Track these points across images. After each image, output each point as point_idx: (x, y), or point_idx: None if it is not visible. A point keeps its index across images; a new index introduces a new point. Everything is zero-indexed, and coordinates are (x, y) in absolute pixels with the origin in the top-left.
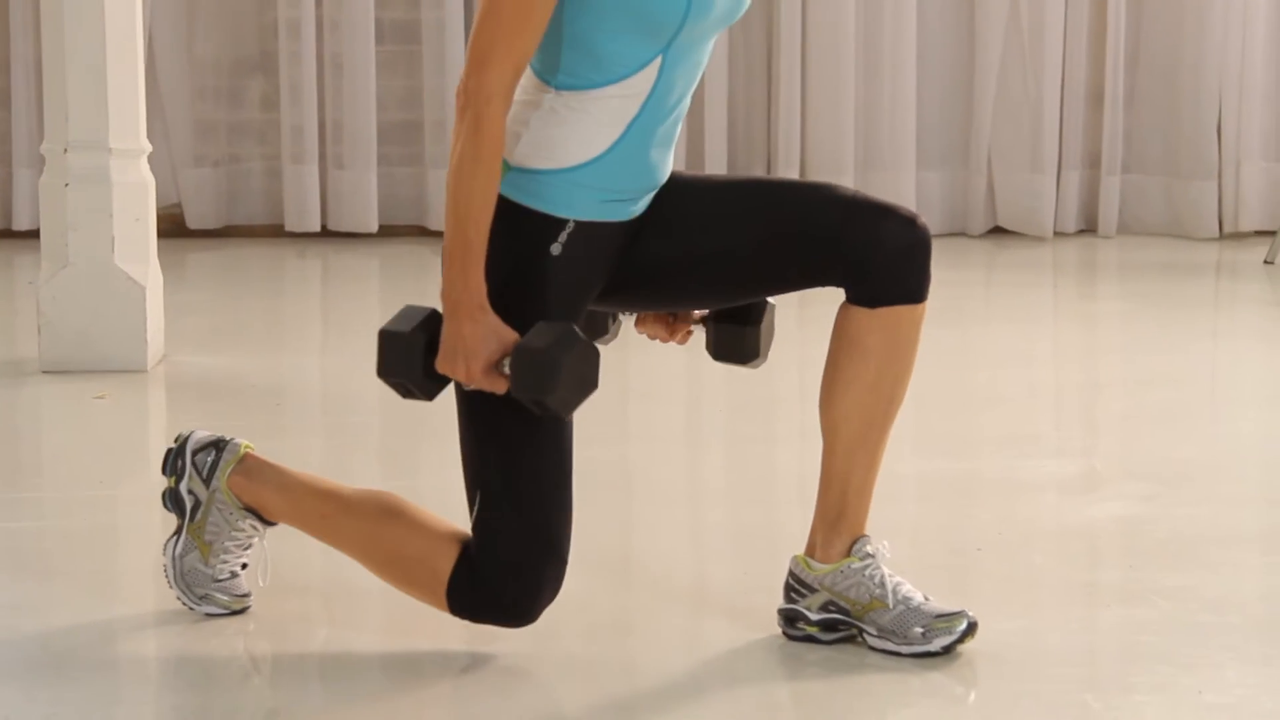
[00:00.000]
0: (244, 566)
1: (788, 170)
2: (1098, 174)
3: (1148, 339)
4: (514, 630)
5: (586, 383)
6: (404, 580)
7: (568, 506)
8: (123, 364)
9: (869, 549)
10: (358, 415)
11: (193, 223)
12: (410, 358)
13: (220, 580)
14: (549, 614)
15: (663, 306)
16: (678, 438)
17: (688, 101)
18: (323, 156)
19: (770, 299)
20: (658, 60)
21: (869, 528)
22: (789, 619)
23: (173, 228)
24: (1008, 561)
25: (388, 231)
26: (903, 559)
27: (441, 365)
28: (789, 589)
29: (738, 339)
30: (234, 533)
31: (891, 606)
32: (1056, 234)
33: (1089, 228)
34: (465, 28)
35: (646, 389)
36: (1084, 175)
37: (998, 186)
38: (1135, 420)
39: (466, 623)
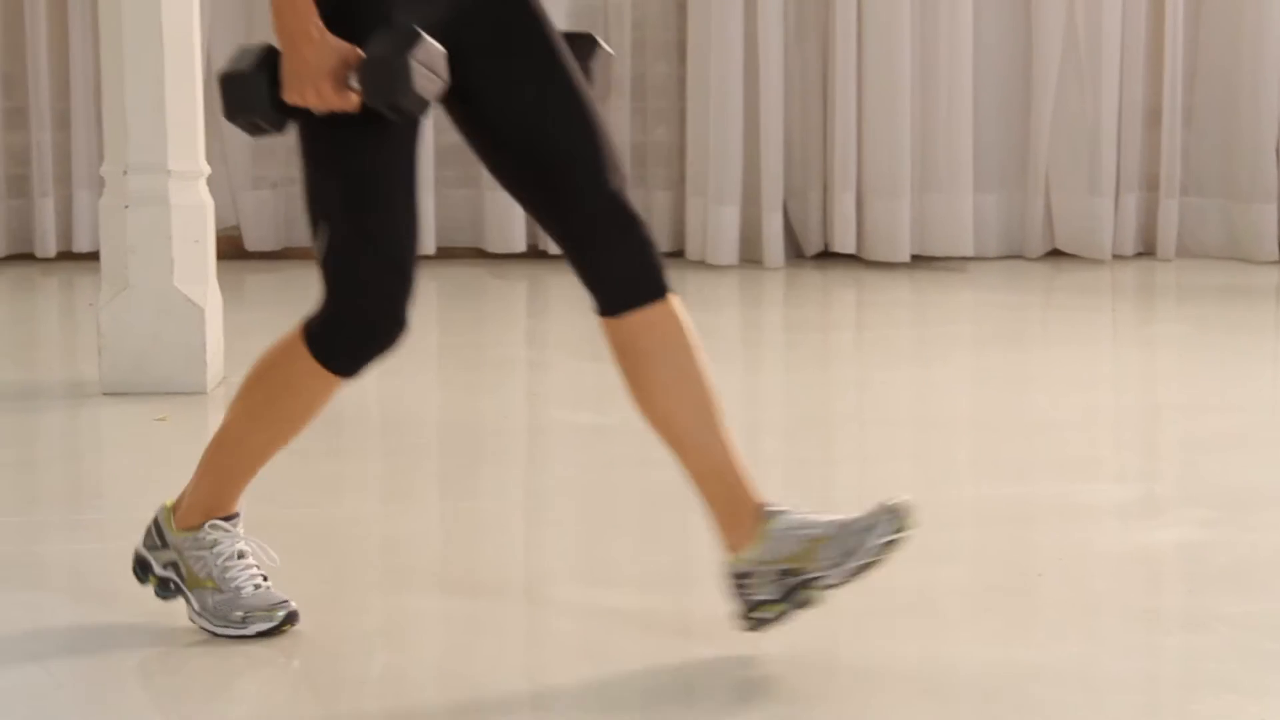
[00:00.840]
0: (265, 579)
1: (844, 193)
2: (1156, 196)
3: (1207, 363)
4: (576, 656)
5: (435, 78)
6: (283, 387)
7: (405, 215)
8: (182, 386)
9: (774, 507)
10: (416, 437)
11: (251, 245)
12: (256, 94)
13: (246, 596)
14: (608, 634)
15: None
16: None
17: None
18: None
19: (607, 47)
20: None
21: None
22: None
23: (231, 249)
24: (1068, 587)
25: (445, 253)
26: (961, 583)
27: (290, 95)
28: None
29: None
30: (215, 551)
31: (833, 533)
32: (1115, 257)
33: (1147, 250)
34: None
35: None
36: (1142, 197)
37: (1055, 209)
38: (1195, 445)
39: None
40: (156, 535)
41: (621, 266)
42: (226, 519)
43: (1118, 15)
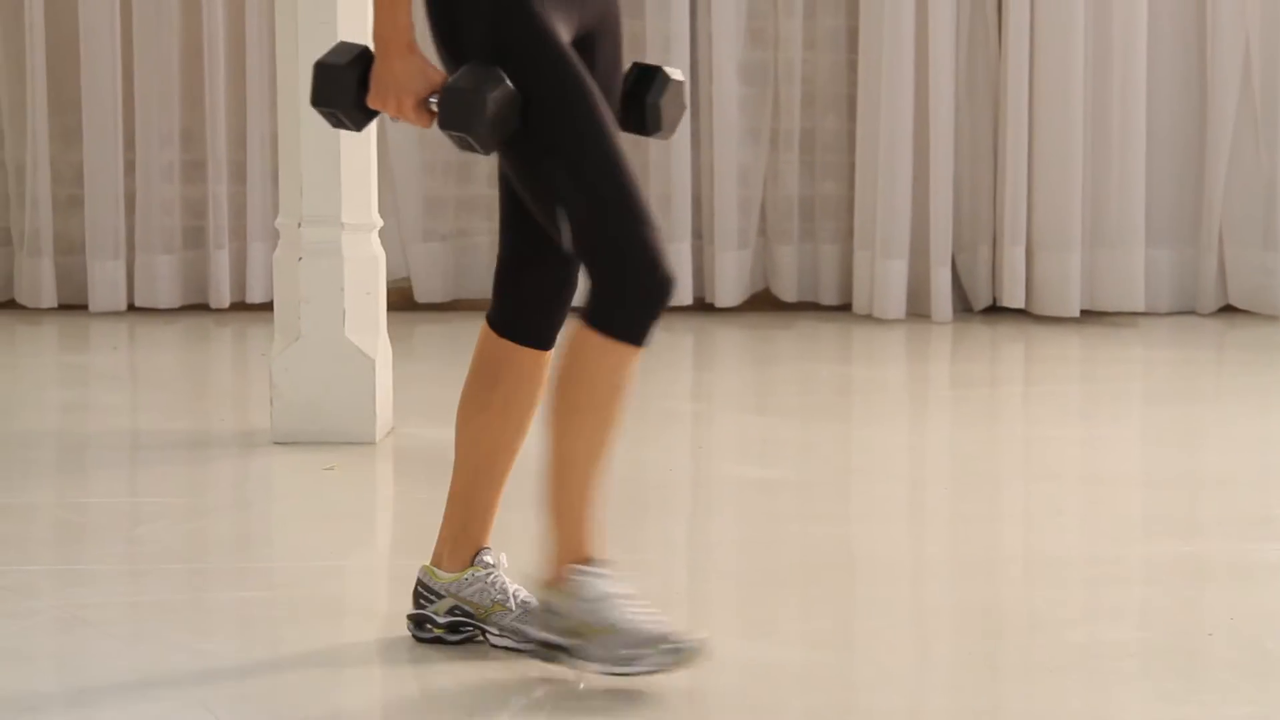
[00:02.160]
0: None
1: (1013, 247)
2: None
3: None
4: (737, 713)
5: (506, 122)
6: (586, 386)
7: (633, 175)
8: (352, 435)
9: (489, 559)
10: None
11: (421, 296)
12: (344, 89)
13: (642, 628)
14: (771, 693)
15: None
16: (900, 515)
17: None
18: None
19: (677, 74)
20: None
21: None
22: (417, 623)
23: (401, 301)
24: (1239, 647)
25: None
26: (1130, 641)
27: (373, 100)
28: (417, 596)
29: (638, 111)
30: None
31: (514, 609)
32: None
33: None
34: (691, 102)
35: (869, 465)
36: None
37: (1229, 264)
38: None
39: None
40: (545, 612)
41: (535, 301)
42: (590, 561)
43: None
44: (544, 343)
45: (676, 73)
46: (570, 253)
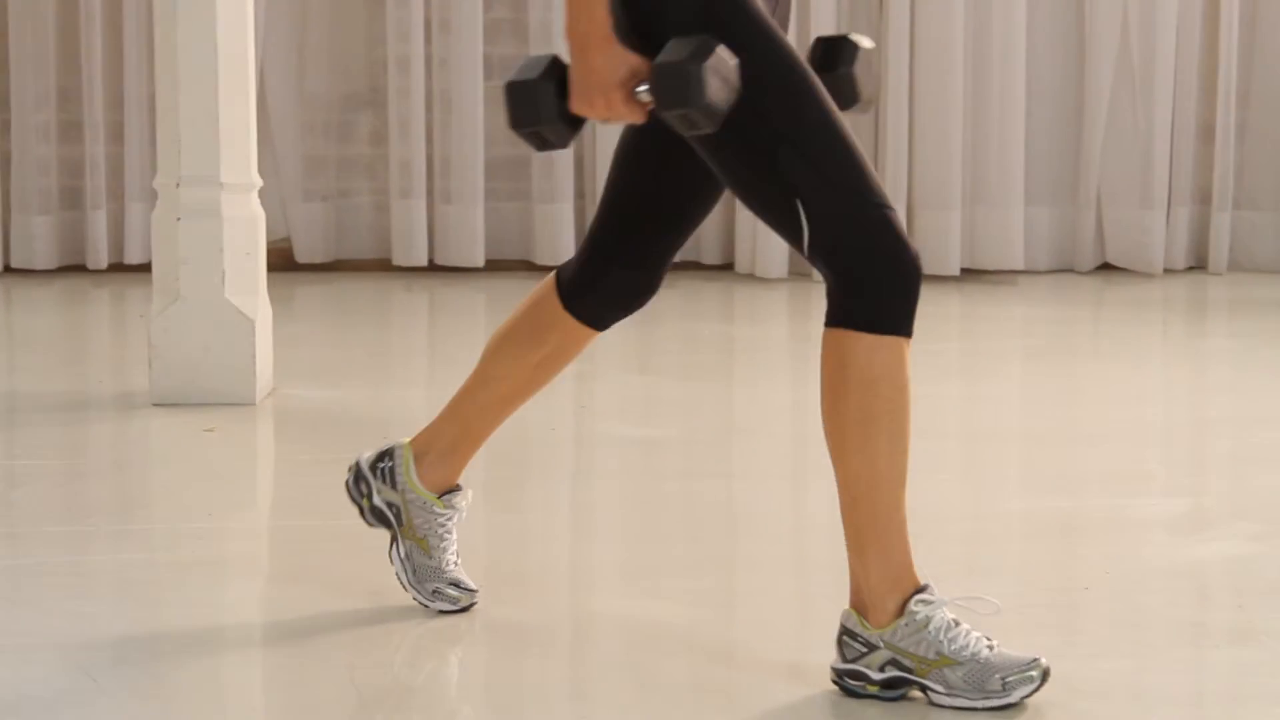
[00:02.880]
0: (989, 640)
1: (895, 207)
2: (1208, 210)
3: (1258, 377)
4: (619, 670)
5: (728, 86)
6: (867, 387)
7: (862, 155)
8: (232, 397)
9: (458, 502)
10: None
11: (301, 257)
12: (543, 104)
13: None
14: (654, 652)
15: None
16: (782, 473)
17: None
18: (430, 192)
19: (866, 41)
20: None
21: None
22: (358, 478)
23: (282, 261)
24: (1115, 601)
25: (494, 266)
26: (1009, 597)
27: (578, 105)
28: (378, 459)
29: (835, 86)
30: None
31: (434, 562)
32: (1166, 271)
33: (1199, 264)
34: None
35: (751, 424)
36: (1194, 211)
37: (1107, 223)
38: (1245, 459)
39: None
40: (858, 643)
41: (622, 307)
42: (921, 590)
43: (1171, 30)
44: (602, 327)
45: (866, 40)
46: (807, 254)
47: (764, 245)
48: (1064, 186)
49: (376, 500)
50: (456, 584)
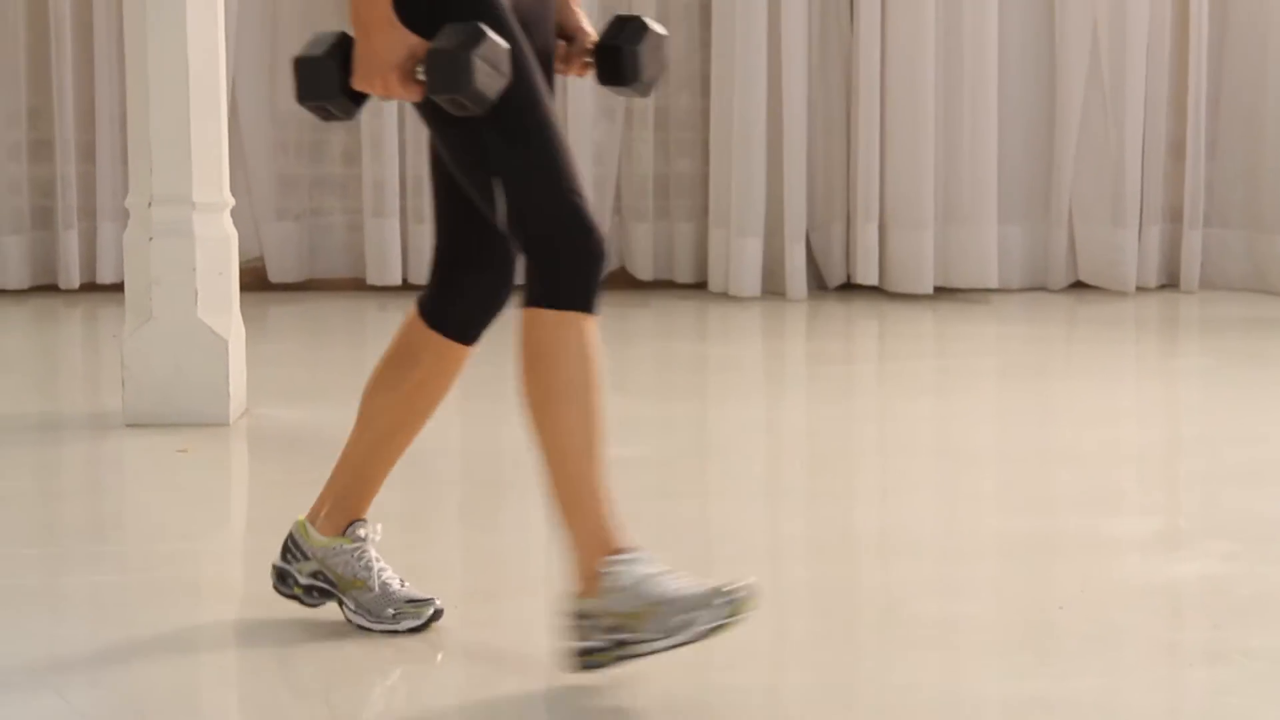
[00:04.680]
0: (316, 579)
1: (866, 224)
2: (1180, 228)
3: (1230, 396)
4: (598, 684)
5: (497, 74)
6: (550, 362)
7: (568, 147)
8: (205, 417)
9: (361, 533)
10: (437, 469)
11: (274, 276)
12: (328, 79)
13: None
14: (628, 673)
15: None
16: (757, 493)
17: None
18: (404, 210)
19: (659, 27)
20: None
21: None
22: (279, 576)
23: (254, 281)
24: (1090, 620)
25: None
26: (984, 616)
27: (359, 82)
28: (285, 550)
29: (615, 60)
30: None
31: (374, 589)
32: (1138, 289)
33: (1171, 282)
34: None
35: (726, 443)
36: (1166, 229)
37: (1079, 241)
38: (1218, 478)
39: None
40: (582, 619)
41: (484, 309)
42: (618, 551)
43: (1141, 48)
44: (470, 339)
45: (658, 26)
46: (503, 228)
47: (737, 264)
48: (1036, 204)
49: (303, 580)
50: (411, 599)
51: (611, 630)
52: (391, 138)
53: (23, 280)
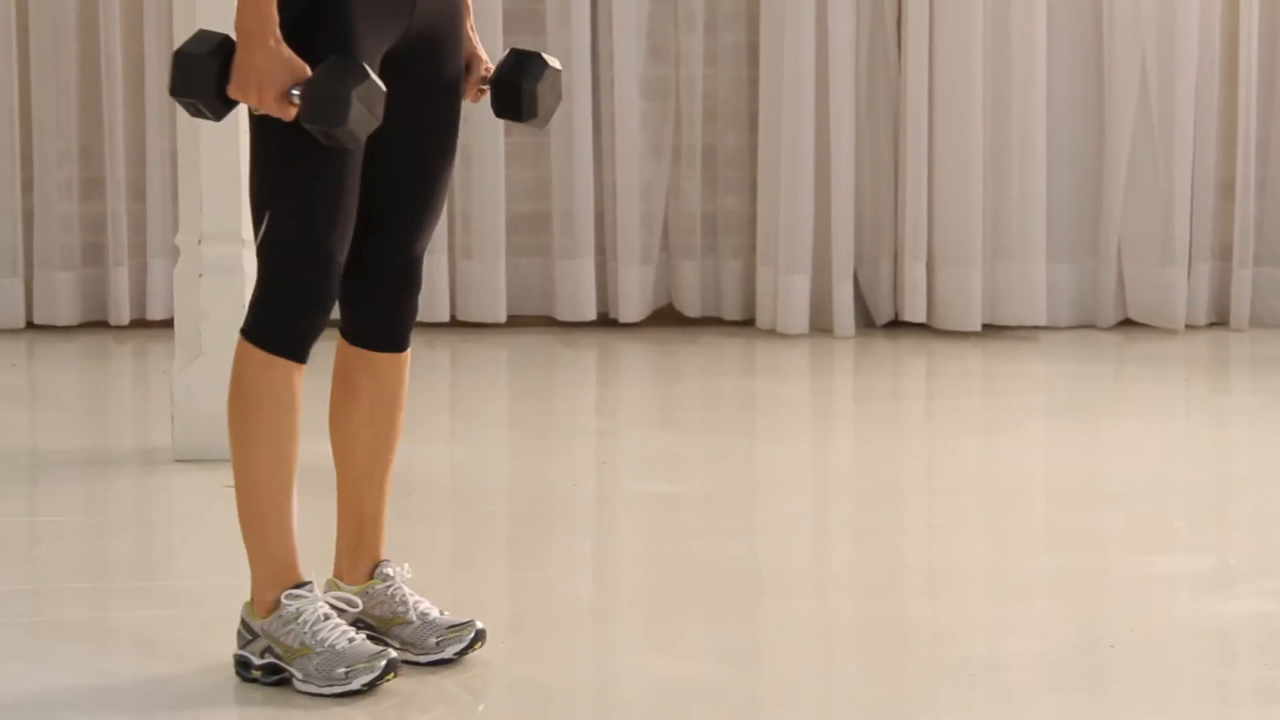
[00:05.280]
0: (357, 633)
1: (914, 262)
2: (1229, 266)
3: None
4: None
5: (370, 117)
6: (251, 399)
7: (348, 217)
8: None
9: (389, 571)
10: (486, 505)
11: None
12: (204, 79)
13: (343, 651)
14: (678, 709)
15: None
16: (805, 530)
17: None
18: (451, 247)
19: (555, 62)
20: None
21: (387, 551)
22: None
23: None
24: (1141, 659)
25: (516, 322)
26: (1034, 654)
27: (234, 90)
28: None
29: (514, 97)
30: (300, 619)
31: (414, 620)
32: (1187, 327)
33: (1220, 320)
34: (593, 118)
35: (774, 480)
36: (1215, 267)
37: (1128, 278)
38: (1269, 516)
39: None
40: (246, 631)
41: (386, 315)
42: (299, 587)
43: (1191, 85)
44: (397, 346)
45: (555, 61)
46: (255, 250)
47: (785, 301)
48: (1085, 242)
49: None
50: (452, 625)
51: (266, 653)
52: None
53: (73, 316)
